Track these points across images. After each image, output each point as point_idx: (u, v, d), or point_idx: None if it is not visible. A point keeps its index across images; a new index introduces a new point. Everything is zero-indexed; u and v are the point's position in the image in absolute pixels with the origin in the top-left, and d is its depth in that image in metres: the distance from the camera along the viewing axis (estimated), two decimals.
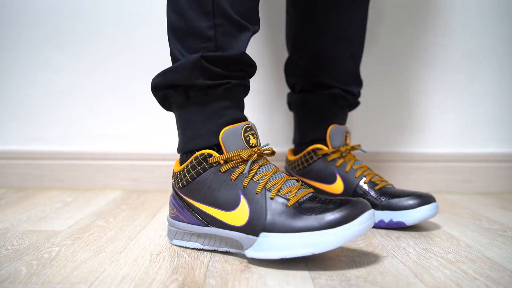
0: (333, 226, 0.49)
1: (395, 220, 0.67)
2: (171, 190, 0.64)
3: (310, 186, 0.77)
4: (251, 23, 0.59)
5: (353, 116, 1.05)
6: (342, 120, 0.82)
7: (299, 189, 0.54)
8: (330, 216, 0.49)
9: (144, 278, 0.49)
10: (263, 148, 0.58)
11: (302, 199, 0.53)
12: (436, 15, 1.04)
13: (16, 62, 1.05)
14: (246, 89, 0.62)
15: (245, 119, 0.60)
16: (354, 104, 0.84)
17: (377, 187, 0.71)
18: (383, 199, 0.69)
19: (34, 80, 1.05)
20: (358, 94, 0.83)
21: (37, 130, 1.06)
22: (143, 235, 0.66)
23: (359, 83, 0.83)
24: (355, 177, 0.73)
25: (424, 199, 0.67)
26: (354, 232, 0.49)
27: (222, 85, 0.57)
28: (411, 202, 0.67)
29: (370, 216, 0.50)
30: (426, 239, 0.65)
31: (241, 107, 0.61)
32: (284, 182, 0.54)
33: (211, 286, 0.47)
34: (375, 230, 0.70)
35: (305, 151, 0.79)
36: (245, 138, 0.56)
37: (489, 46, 1.05)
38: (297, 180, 0.56)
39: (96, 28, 1.04)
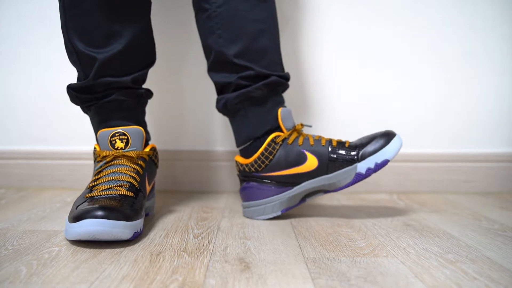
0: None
1: (379, 161, 0.74)
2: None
3: (284, 175, 0.76)
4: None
5: (353, 115, 1.05)
6: (283, 105, 0.80)
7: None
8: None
9: (144, 278, 0.49)
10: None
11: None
12: (436, 14, 1.04)
13: (17, 62, 1.05)
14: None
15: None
16: (287, 88, 0.82)
17: (346, 145, 0.75)
18: (359, 152, 0.74)
19: (35, 80, 1.05)
20: (289, 78, 0.81)
21: (37, 130, 1.06)
22: (143, 235, 0.66)
23: (283, 69, 0.82)
24: (323, 146, 0.75)
25: (389, 135, 0.75)
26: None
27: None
28: (382, 141, 0.75)
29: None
30: (426, 239, 0.65)
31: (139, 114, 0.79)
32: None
33: (211, 286, 0.47)
34: (375, 230, 0.70)
35: (263, 146, 0.76)
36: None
37: (489, 46, 1.05)
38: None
39: None
